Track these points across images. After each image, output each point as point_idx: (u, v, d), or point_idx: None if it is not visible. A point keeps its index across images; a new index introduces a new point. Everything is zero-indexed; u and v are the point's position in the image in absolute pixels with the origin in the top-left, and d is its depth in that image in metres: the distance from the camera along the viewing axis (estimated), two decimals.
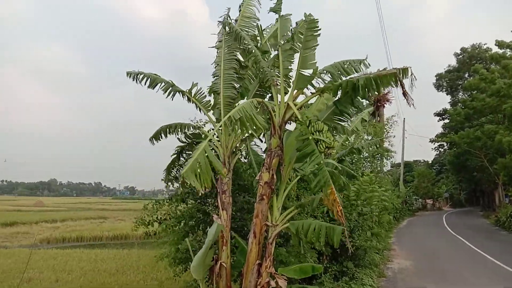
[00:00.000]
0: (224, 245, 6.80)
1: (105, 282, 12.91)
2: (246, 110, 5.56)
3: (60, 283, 12.71)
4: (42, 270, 14.63)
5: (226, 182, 7.06)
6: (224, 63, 7.75)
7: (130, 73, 8.00)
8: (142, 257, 17.99)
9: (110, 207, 74.35)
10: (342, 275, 10.76)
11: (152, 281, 13.31)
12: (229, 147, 7.24)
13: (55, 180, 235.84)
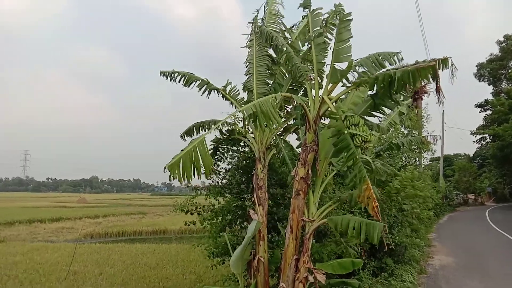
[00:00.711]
0: (261, 240, 6.87)
1: (146, 275, 13.34)
2: (262, 106, 5.55)
3: (103, 276, 13.25)
4: (87, 263, 15.32)
5: (261, 178, 7.12)
6: (256, 61, 7.80)
7: (164, 72, 8.16)
8: (180, 252, 18.46)
9: (149, 202, 76.53)
10: (381, 271, 10.59)
11: (191, 274, 13.63)
12: (264, 143, 7.29)
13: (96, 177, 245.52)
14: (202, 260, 16.16)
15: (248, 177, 8.65)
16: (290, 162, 7.25)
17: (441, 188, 35.56)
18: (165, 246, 20.49)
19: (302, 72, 6.14)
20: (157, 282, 12.39)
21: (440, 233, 22.65)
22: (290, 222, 6.13)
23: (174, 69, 8.13)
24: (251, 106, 5.48)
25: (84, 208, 54.83)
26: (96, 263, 15.42)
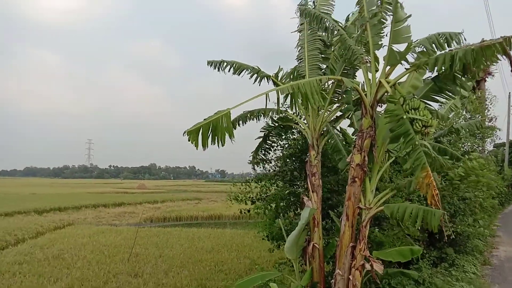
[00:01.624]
0: (316, 226, 6.83)
1: (202, 259, 13.84)
2: (300, 86, 5.39)
3: (163, 258, 13.92)
4: (147, 246, 16.17)
5: (315, 165, 7.04)
6: (308, 45, 7.63)
7: (211, 62, 8.21)
8: (234, 236, 18.93)
9: (204, 189, 78.88)
10: (441, 261, 10.16)
11: (245, 259, 13.94)
12: (317, 129, 7.18)
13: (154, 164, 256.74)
14: (256, 245, 16.47)
15: (301, 164, 8.60)
16: (343, 149, 7.10)
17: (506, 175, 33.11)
18: (220, 231, 21.09)
19: (357, 55, 5.93)
20: (213, 265, 12.82)
21: (505, 223, 21.22)
22: (346, 209, 6.02)
23: (222, 59, 8.16)
24: (288, 87, 5.38)
25: (144, 194, 57.66)
26: (156, 246, 16.23)
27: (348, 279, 5.89)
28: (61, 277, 11.04)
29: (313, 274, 6.72)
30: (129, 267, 12.37)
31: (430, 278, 8.45)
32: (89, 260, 13.25)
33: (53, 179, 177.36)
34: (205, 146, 5.08)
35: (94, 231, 20.33)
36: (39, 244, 16.01)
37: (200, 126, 5.01)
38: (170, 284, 10.57)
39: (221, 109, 5.30)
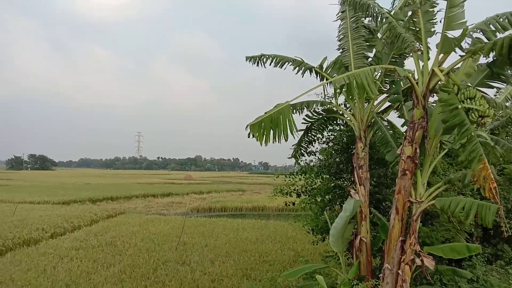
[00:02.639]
0: (363, 220, 6.69)
1: (247, 249, 14.02)
2: (357, 77, 5.21)
3: (209, 247, 14.25)
4: (194, 235, 16.62)
5: (362, 157, 6.88)
6: (352, 33, 7.39)
7: (250, 57, 8.15)
8: (278, 228, 18.99)
9: (247, 180, 79.74)
10: (496, 258, 9.60)
11: (289, 251, 13.96)
12: (364, 121, 6.99)
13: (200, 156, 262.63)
14: (300, 237, 16.45)
15: (347, 157, 8.43)
16: (393, 140, 6.86)
17: None
18: (264, 222, 21.24)
19: (408, 42, 5.67)
20: (258, 256, 12.95)
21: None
22: (396, 203, 5.83)
23: (262, 53, 8.10)
24: (344, 77, 5.22)
25: (190, 184, 59.23)
26: (202, 235, 16.65)
27: (397, 273, 5.73)
28: (113, 263, 11.61)
29: (360, 267, 6.61)
30: (177, 255, 12.78)
31: (485, 276, 8.02)
32: (140, 248, 13.82)
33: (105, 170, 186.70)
34: (267, 141, 5.04)
35: (144, 220, 21.17)
36: (94, 232, 16.92)
37: (261, 120, 4.99)
38: (216, 272, 10.81)
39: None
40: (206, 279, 10.22)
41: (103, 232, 16.80)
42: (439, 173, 7.19)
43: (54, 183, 54.14)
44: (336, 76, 7.96)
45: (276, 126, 5.03)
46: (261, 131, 4.95)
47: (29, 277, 9.90)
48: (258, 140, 4.96)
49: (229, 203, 31.37)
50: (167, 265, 11.53)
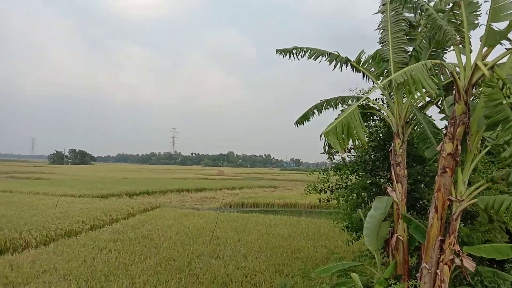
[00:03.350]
0: (400, 218, 6.53)
1: (279, 245, 14.02)
2: (413, 73, 5.05)
3: (241, 242, 14.37)
4: (227, 230, 16.80)
5: (400, 154, 6.70)
6: (392, 27, 7.21)
7: (281, 50, 8.06)
8: (310, 225, 18.88)
9: (279, 177, 79.74)
10: None
11: (322, 248, 13.85)
12: (403, 117, 6.81)
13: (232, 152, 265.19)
14: (333, 235, 16.27)
15: (384, 153, 8.25)
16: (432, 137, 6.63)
17: None
18: (296, 219, 21.15)
19: (450, 35, 5.46)
20: (290, 252, 12.93)
21: None
22: (435, 201, 5.65)
23: (294, 46, 8.01)
24: (401, 74, 5.09)
25: (223, 180, 59.88)
26: (235, 230, 16.81)
27: (436, 273, 5.56)
28: (150, 256, 11.94)
29: (396, 266, 6.46)
30: (210, 249, 12.97)
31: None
32: (175, 241, 14.13)
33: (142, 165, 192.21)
34: (343, 147, 5.03)
35: (178, 214, 21.62)
36: (130, 224, 17.46)
37: (334, 126, 4.98)
38: (249, 267, 10.89)
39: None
40: (239, 273, 10.32)
41: (139, 225, 17.29)
42: (480, 171, 6.90)
43: (93, 177, 56.30)
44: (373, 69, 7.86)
45: (347, 130, 4.98)
46: (336, 138, 4.92)
47: (71, 267, 10.35)
48: (334, 147, 4.94)
49: (261, 199, 31.45)
50: (201, 259, 11.73)
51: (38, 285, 8.84)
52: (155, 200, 29.68)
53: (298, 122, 8.33)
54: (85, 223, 16.85)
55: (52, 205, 21.86)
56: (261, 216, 21.73)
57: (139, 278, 9.61)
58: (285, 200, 30.89)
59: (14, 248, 12.68)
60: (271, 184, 53.62)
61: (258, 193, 39.92)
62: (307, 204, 29.04)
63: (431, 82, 5.03)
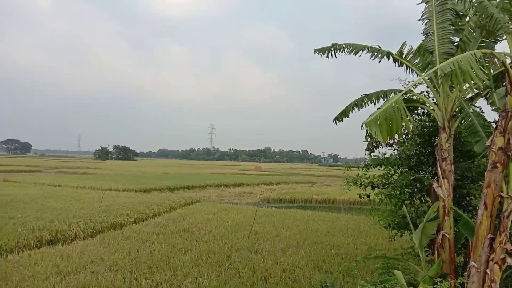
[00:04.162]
0: (446, 215, 6.29)
1: (318, 241, 13.92)
2: (461, 63, 4.80)
3: (280, 238, 14.39)
4: (265, 225, 16.88)
5: (446, 149, 6.44)
6: (437, 17, 6.94)
7: (319, 50, 7.95)
8: (349, 222, 18.59)
9: (316, 173, 79.10)
10: None
11: (362, 245, 13.61)
12: (449, 110, 6.53)
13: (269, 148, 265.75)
14: (373, 232, 15.94)
15: (429, 148, 7.97)
16: (482, 130, 6.32)
17: None
18: (334, 215, 20.89)
19: (502, 23, 5.17)
20: (329, 249, 12.81)
21: None
22: (484, 198, 5.40)
23: (333, 43, 7.88)
24: (448, 64, 4.88)
25: (260, 175, 60.15)
26: (273, 225, 16.86)
27: (485, 272, 5.32)
28: (190, 249, 12.22)
29: (442, 265, 6.24)
30: (249, 244, 13.09)
31: None
32: (214, 235, 14.38)
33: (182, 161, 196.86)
34: (386, 137, 4.91)
35: (217, 208, 21.97)
36: (172, 218, 17.93)
37: (376, 116, 4.88)
38: (287, 262, 10.90)
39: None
40: (278, 268, 10.36)
41: (180, 219, 17.73)
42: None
43: (136, 172, 58.33)
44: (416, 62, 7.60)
45: (391, 120, 4.86)
46: (378, 128, 4.80)
47: (116, 258, 10.79)
48: (376, 137, 4.83)
49: (299, 194, 31.30)
50: (240, 253, 11.86)
51: (86, 275, 9.27)
52: (195, 195, 30.31)
53: (337, 119, 8.21)
54: (129, 216, 17.51)
55: (98, 198, 22.86)
56: (299, 212, 21.65)
57: (181, 270, 9.87)
58: (323, 196, 30.57)
59: (64, 239, 13.39)
60: (308, 180, 53.28)
61: (295, 188, 39.79)
62: (346, 200, 28.61)
63: (481, 73, 4.79)
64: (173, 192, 31.79)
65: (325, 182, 52.24)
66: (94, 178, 42.83)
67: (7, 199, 21.15)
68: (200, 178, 46.57)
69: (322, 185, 46.54)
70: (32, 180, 37.63)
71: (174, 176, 50.55)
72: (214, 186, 38.75)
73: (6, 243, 11.81)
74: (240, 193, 34.50)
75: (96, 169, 67.36)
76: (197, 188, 36.48)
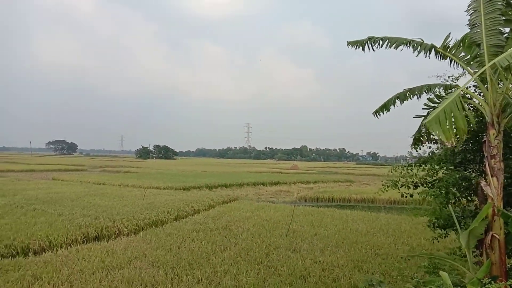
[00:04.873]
0: (496, 215, 5.99)
1: (358, 241, 13.66)
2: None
3: (318, 237, 14.25)
4: (303, 224, 16.79)
5: (495, 145, 6.13)
6: (484, 7, 6.62)
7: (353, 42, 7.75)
8: (390, 221, 18.11)
9: (355, 171, 77.66)
10: None
11: (403, 245, 13.23)
12: (498, 105, 6.22)
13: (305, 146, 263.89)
14: (415, 232, 15.45)
15: (475, 145, 7.62)
16: None
17: None
18: (374, 214, 20.42)
19: None
20: (369, 249, 12.55)
21: None
22: None
23: (370, 36, 7.66)
24: (506, 57, 4.65)
25: (297, 174, 59.83)
26: (311, 224, 16.73)
27: None
28: (229, 246, 12.36)
29: (491, 267, 5.95)
30: (287, 242, 13.07)
31: None
32: (252, 233, 14.47)
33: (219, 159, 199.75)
34: (449, 137, 4.72)
35: (255, 206, 22.08)
36: (211, 216, 18.22)
37: (437, 115, 4.74)
38: (327, 262, 10.79)
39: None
40: (316, 267, 10.28)
41: (219, 217, 17.98)
42: None
43: (176, 171, 59.79)
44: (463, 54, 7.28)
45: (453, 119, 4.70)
46: (439, 127, 4.64)
47: (158, 254, 11.10)
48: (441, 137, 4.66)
49: (337, 193, 30.82)
50: (279, 251, 11.87)
51: (130, 270, 9.60)
52: (232, 193, 30.64)
53: (377, 112, 8.04)
54: (170, 214, 17.97)
55: (140, 196, 23.64)
56: (337, 211, 21.34)
57: (220, 267, 10.01)
58: (362, 195, 29.95)
59: (109, 235, 13.94)
60: (346, 179, 52.42)
61: (333, 187, 39.26)
62: (386, 200, 27.87)
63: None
64: (211, 190, 32.28)
65: (364, 181, 51.22)
66: (136, 176, 44.29)
67: (56, 197, 22.33)
68: (237, 176, 46.99)
69: (361, 184, 45.64)
70: (78, 179, 39.48)
71: (212, 174, 51.34)
72: (251, 185, 38.97)
73: (56, 239, 12.48)
74: (277, 192, 34.49)
75: (138, 168, 69.66)
76: (235, 187, 36.84)
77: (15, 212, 16.65)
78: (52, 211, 17.14)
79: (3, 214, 16.15)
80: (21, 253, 11.29)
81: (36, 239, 12.15)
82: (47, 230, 13.18)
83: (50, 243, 12.18)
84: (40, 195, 22.98)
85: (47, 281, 8.73)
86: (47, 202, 20.18)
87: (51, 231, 13.06)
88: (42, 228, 13.38)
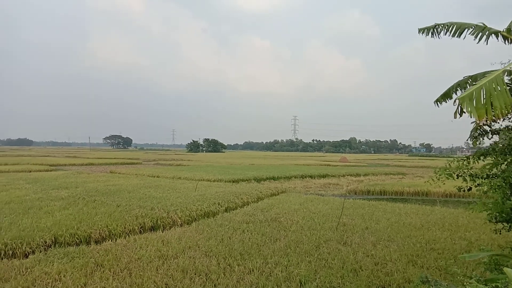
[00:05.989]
0: None
1: (411, 235, 13.26)
2: None
3: (369, 230, 13.98)
4: (353, 217, 16.54)
5: None
6: None
7: (423, 29, 7.56)
8: (446, 215, 17.40)
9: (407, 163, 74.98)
10: None
11: (460, 240, 12.69)
12: None
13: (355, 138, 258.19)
14: (473, 226, 14.74)
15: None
16: None
17: None
18: (428, 208, 19.68)
19: None
20: (424, 243, 12.14)
21: None
22: None
23: (435, 23, 7.42)
24: None
25: (346, 167, 58.84)
26: (361, 218, 16.45)
27: None
28: (279, 238, 12.48)
29: None
30: (337, 235, 12.96)
31: None
32: (301, 225, 14.49)
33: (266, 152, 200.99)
34: (482, 115, 4.45)
35: (303, 199, 22.05)
36: (260, 208, 18.44)
37: (472, 92, 4.52)
38: (379, 256, 10.60)
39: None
40: (368, 261, 10.13)
41: (268, 209, 18.17)
42: None
43: (225, 164, 60.99)
44: None
45: (489, 97, 4.43)
46: (472, 104, 4.41)
47: (210, 245, 11.45)
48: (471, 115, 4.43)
49: (389, 186, 29.94)
50: (329, 244, 11.81)
51: (185, 260, 9.99)
52: (280, 185, 30.76)
53: (438, 101, 7.80)
54: (220, 205, 18.44)
55: (192, 188, 24.41)
56: (389, 204, 20.77)
57: (271, 259, 10.16)
58: (416, 188, 28.87)
59: (164, 225, 14.57)
60: (398, 171, 50.77)
61: (384, 180, 38.20)
62: (441, 193, 26.71)
63: None
64: (259, 183, 32.59)
65: (417, 173, 49.35)
66: (188, 169, 45.73)
67: (114, 189, 23.64)
68: (285, 169, 47.03)
69: (414, 176, 44.02)
70: (133, 172, 41.46)
71: (260, 167, 51.74)
72: (299, 177, 38.86)
73: (115, 228, 13.26)
74: (325, 184, 34.16)
75: (189, 161, 71.90)
76: (282, 179, 36.92)
77: (77, 203, 17.86)
78: (111, 202, 18.19)
79: (67, 205, 17.38)
80: (84, 241, 12.13)
81: (97, 228, 12.98)
82: (107, 220, 14.02)
83: (109, 233, 12.96)
84: (100, 187, 24.44)
85: (108, 268, 9.33)
86: (106, 193, 21.44)
87: (111, 221, 13.89)
88: (102, 219, 14.25)
